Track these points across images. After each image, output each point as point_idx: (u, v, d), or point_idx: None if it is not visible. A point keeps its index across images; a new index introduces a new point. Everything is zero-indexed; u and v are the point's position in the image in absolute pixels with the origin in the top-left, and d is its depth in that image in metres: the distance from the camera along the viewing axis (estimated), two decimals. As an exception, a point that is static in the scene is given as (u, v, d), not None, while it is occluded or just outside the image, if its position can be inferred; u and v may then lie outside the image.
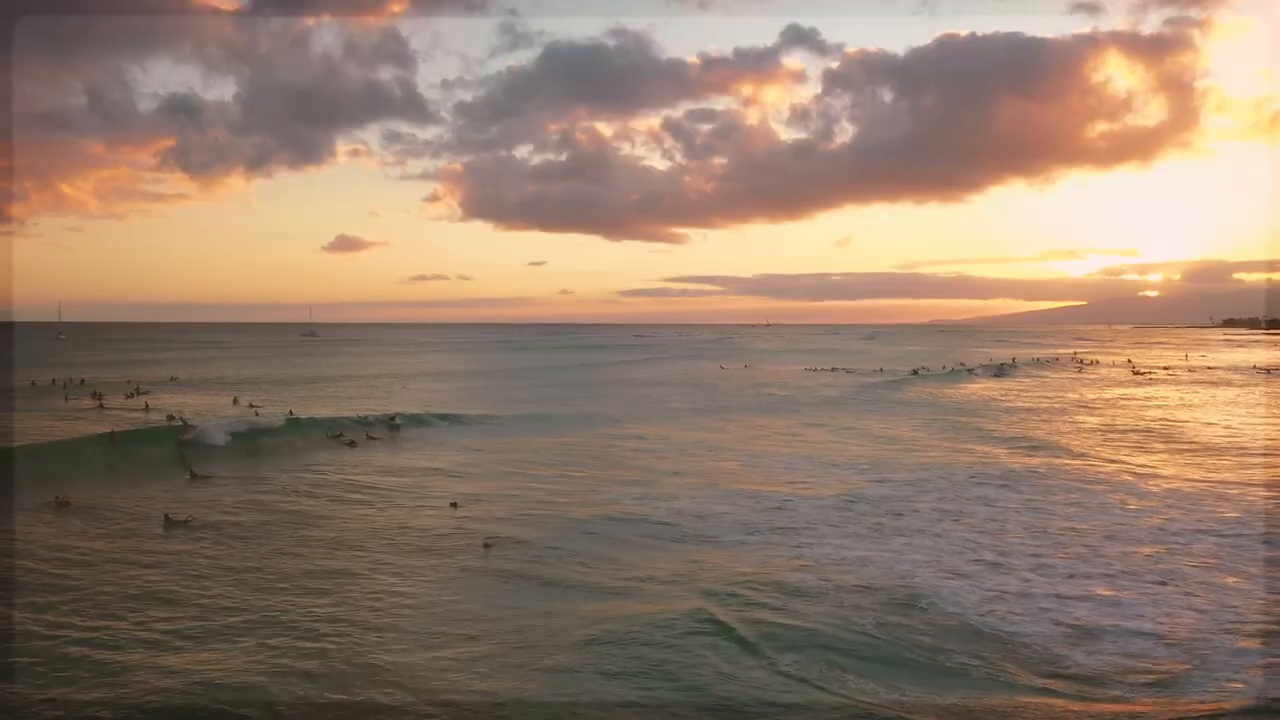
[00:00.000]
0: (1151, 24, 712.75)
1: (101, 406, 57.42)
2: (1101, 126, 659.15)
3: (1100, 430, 47.08)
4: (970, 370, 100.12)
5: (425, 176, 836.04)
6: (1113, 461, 35.98)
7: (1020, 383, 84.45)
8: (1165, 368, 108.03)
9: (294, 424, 43.87)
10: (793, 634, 15.23)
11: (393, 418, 46.62)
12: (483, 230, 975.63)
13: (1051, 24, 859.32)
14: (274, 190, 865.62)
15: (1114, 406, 60.12)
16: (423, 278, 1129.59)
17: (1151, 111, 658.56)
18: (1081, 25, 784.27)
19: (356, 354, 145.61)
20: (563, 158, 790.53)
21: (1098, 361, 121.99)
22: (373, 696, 12.94)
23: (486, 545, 22.33)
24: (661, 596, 17.47)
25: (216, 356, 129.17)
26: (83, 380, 72.93)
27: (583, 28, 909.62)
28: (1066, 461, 35.82)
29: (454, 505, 27.08)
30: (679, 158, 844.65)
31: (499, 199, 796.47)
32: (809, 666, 13.82)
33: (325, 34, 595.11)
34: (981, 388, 78.59)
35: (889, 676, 13.62)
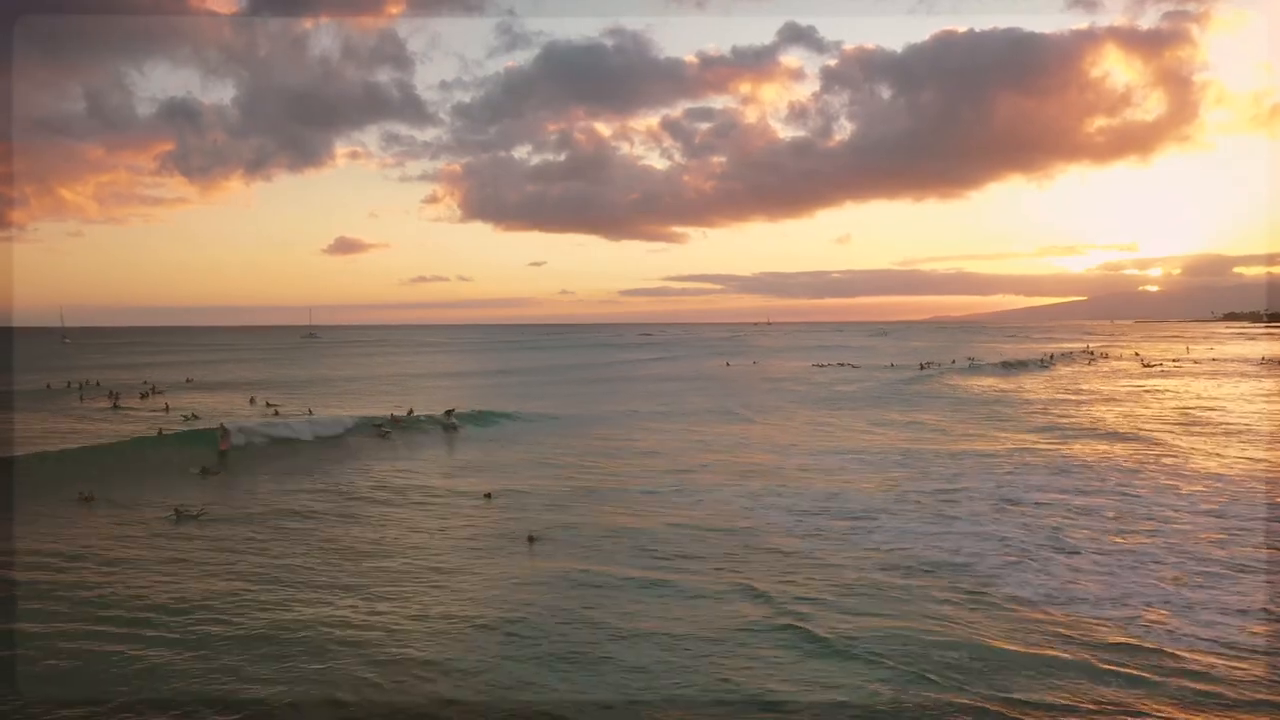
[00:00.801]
0: (1149, 18, 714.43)
1: (115, 406, 57.47)
2: (1100, 121, 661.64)
3: (1132, 418, 46.94)
4: (980, 365, 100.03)
5: (424, 178, 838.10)
6: (1155, 446, 36.01)
7: (1036, 376, 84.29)
8: (1174, 360, 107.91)
9: (339, 421, 42.62)
10: (865, 628, 15.02)
11: (449, 413, 45.55)
12: (482, 231, 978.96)
13: (1049, 20, 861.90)
14: (273, 193, 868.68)
15: (1136, 397, 59.96)
16: (423, 279, 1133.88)
17: (1150, 106, 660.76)
18: (1079, 20, 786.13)
19: (364, 355, 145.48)
20: (561, 158, 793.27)
21: (1107, 355, 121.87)
22: (433, 693, 12.77)
23: (531, 539, 22.39)
24: (723, 592, 17.28)
25: (225, 359, 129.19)
26: (97, 383, 72.88)
27: (580, 28, 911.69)
28: (1107, 448, 35.67)
29: (488, 496, 26.94)
30: (678, 157, 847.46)
31: (498, 200, 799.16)
32: (884, 661, 13.62)
33: (323, 36, 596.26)
34: (999, 381, 78.45)
35: (977, 668, 13.43)
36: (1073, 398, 60.44)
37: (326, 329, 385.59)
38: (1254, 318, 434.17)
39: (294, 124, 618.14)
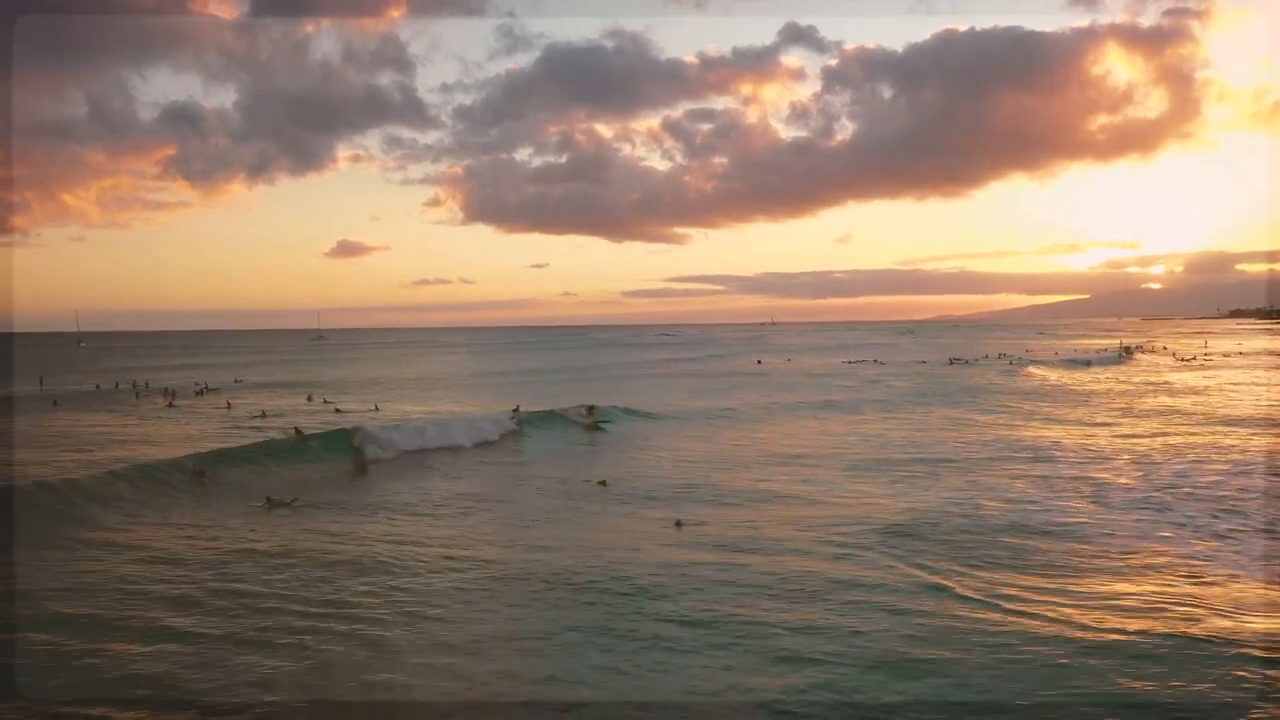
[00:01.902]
0: (1150, 16, 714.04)
1: (171, 404, 57.82)
2: (1102, 119, 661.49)
3: (1226, 407, 47.05)
4: (1044, 360, 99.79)
5: (426, 180, 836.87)
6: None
7: (1131, 368, 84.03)
8: (1206, 354, 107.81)
9: (492, 420, 41.07)
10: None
11: (590, 409, 44.41)
12: (484, 233, 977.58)
13: (1049, 18, 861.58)
14: (275, 197, 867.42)
15: (1198, 391, 59.87)
16: (425, 282, 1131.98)
17: (1152, 104, 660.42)
18: (1080, 18, 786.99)
19: (387, 356, 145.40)
20: (563, 160, 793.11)
21: (1152, 350, 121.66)
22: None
23: (678, 524, 22.39)
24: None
25: (250, 360, 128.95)
26: (147, 383, 72.72)
27: (580, 29, 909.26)
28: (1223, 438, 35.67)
29: (603, 483, 26.41)
30: (679, 158, 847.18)
31: (500, 202, 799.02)
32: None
33: (324, 39, 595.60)
34: (1093, 374, 78.33)
35: None
36: (1194, 391, 60.00)
37: (333, 332, 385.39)
38: (1260, 314, 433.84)
39: (296, 127, 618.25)
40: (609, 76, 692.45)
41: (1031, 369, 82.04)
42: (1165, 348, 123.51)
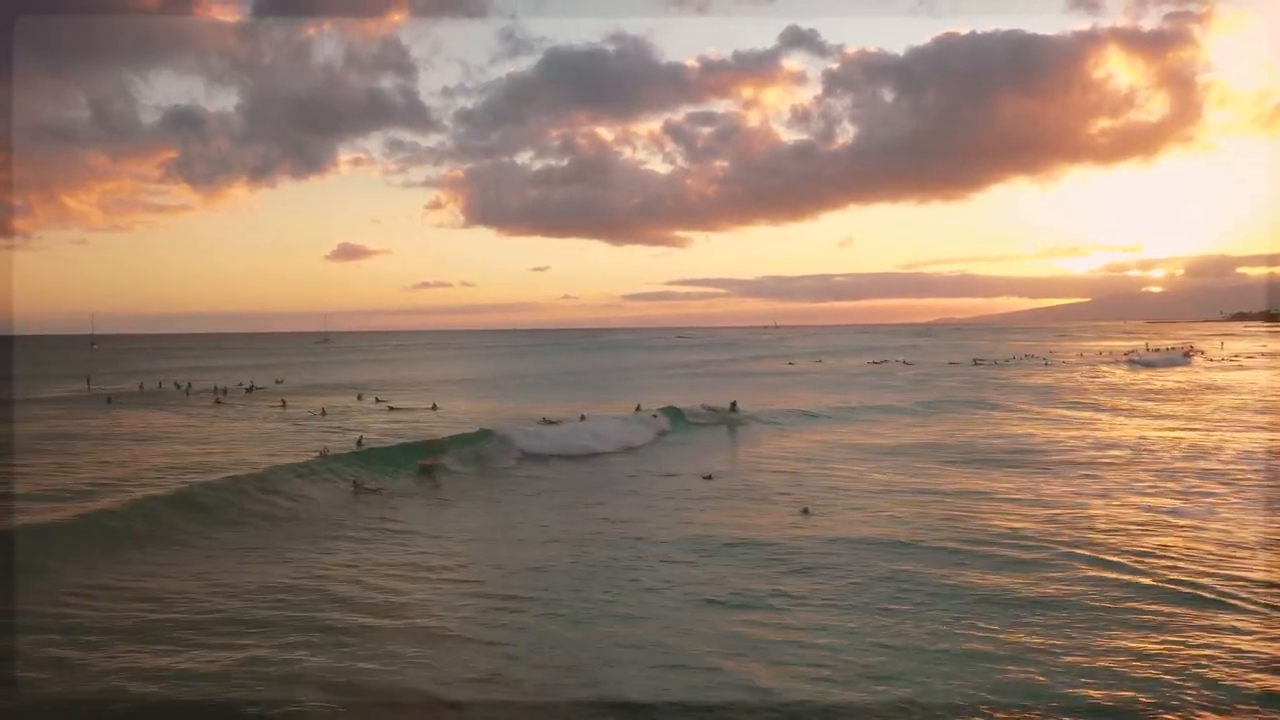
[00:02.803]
0: (1151, 19, 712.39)
1: (218, 402, 58.57)
2: (1103, 123, 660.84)
3: None
4: (1047, 361, 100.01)
5: (427, 184, 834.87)
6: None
7: (1163, 372, 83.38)
8: (1234, 356, 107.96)
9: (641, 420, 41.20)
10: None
11: (732, 406, 44.04)
12: (485, 236, 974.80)
13: (1051, 21, 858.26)
14: (277, 200, 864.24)
15: (1247, 388, 60.07)
16: (425, 285, 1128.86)
17: (1153, 107, 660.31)
18: (1081, 22, 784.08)
19: (406, 359, 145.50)
20: (564, 163, 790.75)
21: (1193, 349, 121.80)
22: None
23: (805, 512, 22.86)
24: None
25: (270, 362, 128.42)
26: (189, 383, 72.58)
27: (582, 32, 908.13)
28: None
29: (806, 512, 23.46)
30: (680, 161, 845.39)
31: (501, 205, 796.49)
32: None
33: (326, 43, 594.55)
34: (1180, 375, 78.24)
35: None
36: (1204, 387, 60.45)
37: (338, 334, 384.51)
38: (1265, 317, 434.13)
39: (298, 131, 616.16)
40: (610, 80, 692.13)
41: (1107, 369, 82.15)
42: (1192, 347, 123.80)
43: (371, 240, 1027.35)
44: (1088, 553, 18.01)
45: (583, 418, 46.26)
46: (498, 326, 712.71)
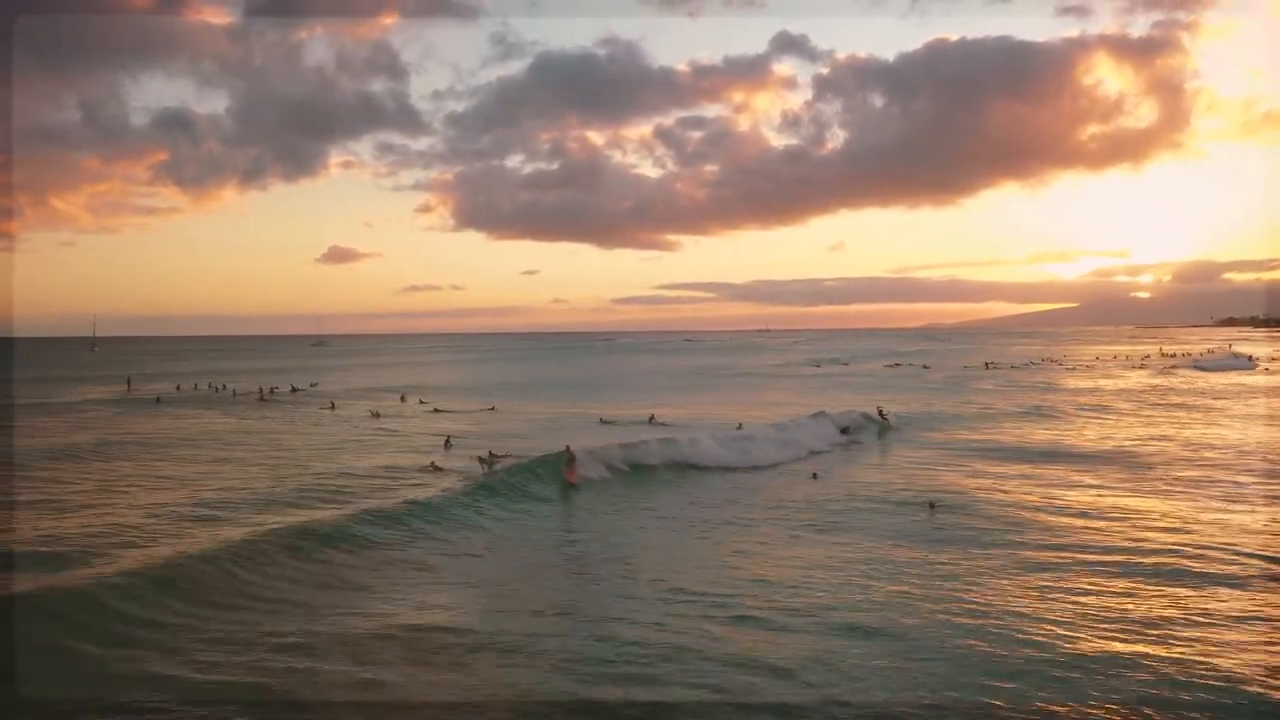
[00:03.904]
0: (1140, 26, 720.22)
1: (261, 399, 60.34)
2: (1093, 129, 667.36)
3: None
4: (1070, 366, 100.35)
5: (417, 187, 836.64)
6: None
7: (1235, 375, 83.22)
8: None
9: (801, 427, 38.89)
10: None
11: (882, 413, 41.97)
12: (475, 240, 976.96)
13: (1040, 27, 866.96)
14: (267, 202, 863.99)
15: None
16: (415, 288, 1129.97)
17: (1142, 113, 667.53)
18: (1070, 28, 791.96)
19: (413, 363, 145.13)
20: (554, 167, 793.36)
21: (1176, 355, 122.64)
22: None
23: (931, 506, 23.19)
24: None
25: (281, 365, 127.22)
26: (225, 385, 72.15)
27: (574, 36, 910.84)
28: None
29: (931, 506, 23.37)
30: (671, 165, 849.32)
31: (491, 208, 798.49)
32: None
33: (318, 46, 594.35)
34: (1204, 378, 78.59)
35: None
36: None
37: (330, 337, 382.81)
38: (1255, 322, 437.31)
39: (288, 134, 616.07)
40: (601, 84, 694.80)
41: (1183, 372, 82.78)
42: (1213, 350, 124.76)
43: (362, 243, 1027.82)
44: None
45: (652, 418, 46.33)
46: (487, 330, 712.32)
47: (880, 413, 42.18)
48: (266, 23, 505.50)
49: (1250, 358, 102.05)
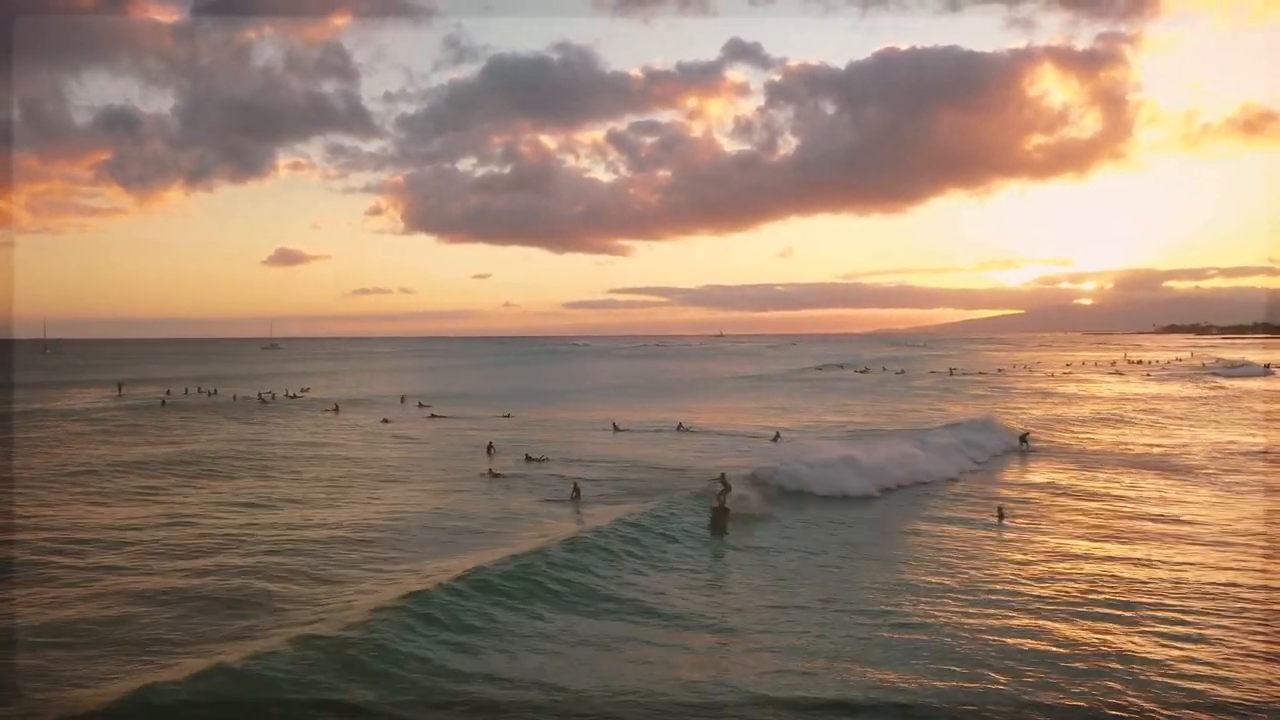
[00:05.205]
0: (1085, 39, 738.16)
1: (262, 400, 60.88)
2: (1038, 139, 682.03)
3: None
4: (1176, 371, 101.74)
5: (368, 189, 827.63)
6: None
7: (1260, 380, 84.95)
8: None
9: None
10: None
11: (1024, 436, 38.99)
12: (426, 243, 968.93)
13: (988, 38, 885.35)
14: (214, 203, 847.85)
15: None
16: (365, 291, 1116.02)
17: (1086, 124, 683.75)
18: (1017, 40, 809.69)
19: (395, 367, 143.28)
20: (506, 170, 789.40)
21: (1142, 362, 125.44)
22: None
23: (1000, 514, 23.33)
24: None
25: (242, 371, 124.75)
26: (215, 389, 70.55)
27: (527, 41, 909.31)
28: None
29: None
30: (623, 170, 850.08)
31: (442, 212, 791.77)
32: None
33: (267, 46, 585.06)
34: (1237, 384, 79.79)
35: None
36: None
37: (284, 340, 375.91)
38: (1196, 330, 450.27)
39: (236, 134, 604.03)
40: (554, 88, 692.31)
41: (1209, 379, 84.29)
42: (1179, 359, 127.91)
43: (310, 246, 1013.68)
44: None
45: (680, 426, 45.38)
46: (438, 334, 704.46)
47: (1023, 438, 38.85)
48: (214, 22, 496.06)
49: (1267, 366, 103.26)
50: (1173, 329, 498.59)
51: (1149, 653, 13.33)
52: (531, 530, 21.04)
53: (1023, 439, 38.40)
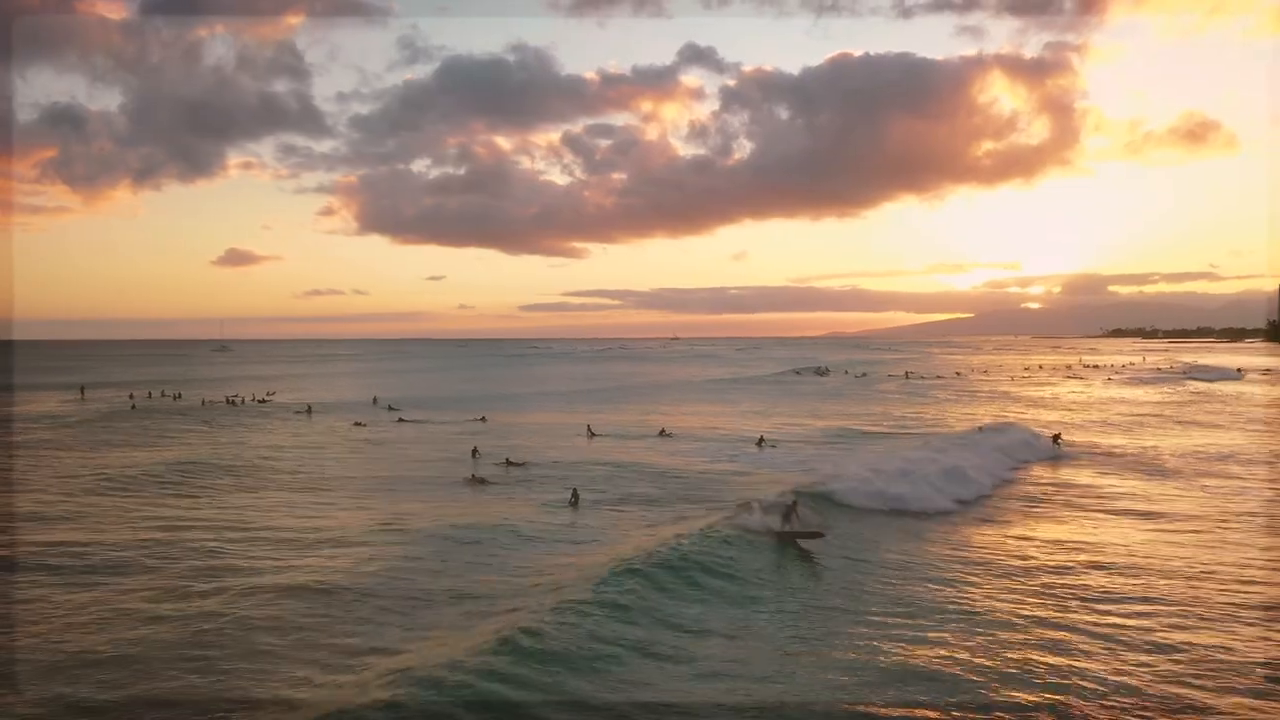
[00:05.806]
0: (1033, 47, 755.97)
1: (231, 401, 61.10)
2: (988, 145, 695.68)
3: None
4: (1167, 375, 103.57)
5: (320, 190, 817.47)
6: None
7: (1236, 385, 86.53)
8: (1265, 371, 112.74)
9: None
10: None
11: (1055, 438, 38.42)
12: (379, 244, 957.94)
13: (939, 46, 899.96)
14: (163, 203, 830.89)
15: None
16: (317, 292, 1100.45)
17: (1034, 131, 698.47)
18: (968, 47, 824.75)
19: (364, 369, 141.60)
20: (460, 171, 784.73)
21: (1095, 367, 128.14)
22: None
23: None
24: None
25: (198, 375, 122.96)
26: (179, 393, 69.32)
27: (482, 42, 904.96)
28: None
29: None
30: (579, 172, 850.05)
31: (395, 212, 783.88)
32: None
33: (218, 45, 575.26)
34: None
35: None
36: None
37: (234, 343, 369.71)
38: (1142, 334, 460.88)
39: (185, 133, 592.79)
40: (510, 90, 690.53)
41: (1189, 383, 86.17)
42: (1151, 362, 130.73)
43: (261, 246, 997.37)
44: None
45: (663, 432, 44.59)
46: (392, 335, 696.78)
47: (1055, 438, 38.78)
48: (164, 20, 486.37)
49: (1239, 370, 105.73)
50: (1119, 333, 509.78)
51: None
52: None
53: (1055, 440, 38.35)
